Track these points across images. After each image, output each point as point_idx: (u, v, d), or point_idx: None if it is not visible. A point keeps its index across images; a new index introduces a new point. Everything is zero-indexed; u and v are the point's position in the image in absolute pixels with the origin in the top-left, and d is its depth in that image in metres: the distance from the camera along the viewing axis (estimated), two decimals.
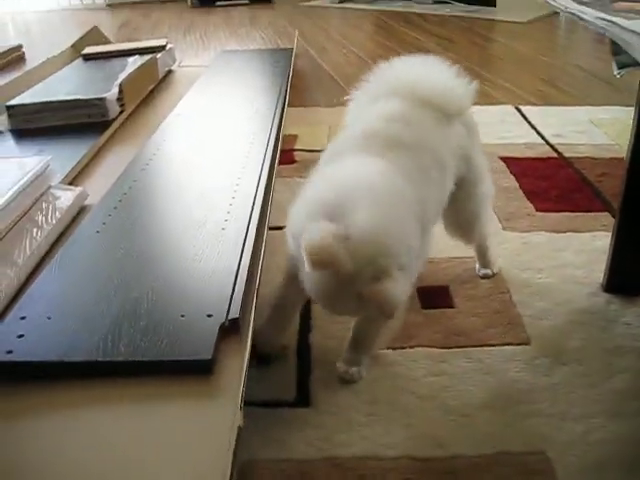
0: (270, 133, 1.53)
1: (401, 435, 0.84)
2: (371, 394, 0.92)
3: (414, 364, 0.96)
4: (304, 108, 2.23)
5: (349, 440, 0.84)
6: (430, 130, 0.95)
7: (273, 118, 1.64)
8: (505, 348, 1.00)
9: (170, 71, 2.36)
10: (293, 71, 2.41)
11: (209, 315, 0.82)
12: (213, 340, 0.77)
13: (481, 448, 0.82)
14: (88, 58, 2.24)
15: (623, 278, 1.14)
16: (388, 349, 1.00)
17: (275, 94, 1.87)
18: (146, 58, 2.09)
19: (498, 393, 0.91)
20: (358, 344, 0.96)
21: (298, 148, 1.84)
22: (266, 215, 1.12)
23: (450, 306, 1.10)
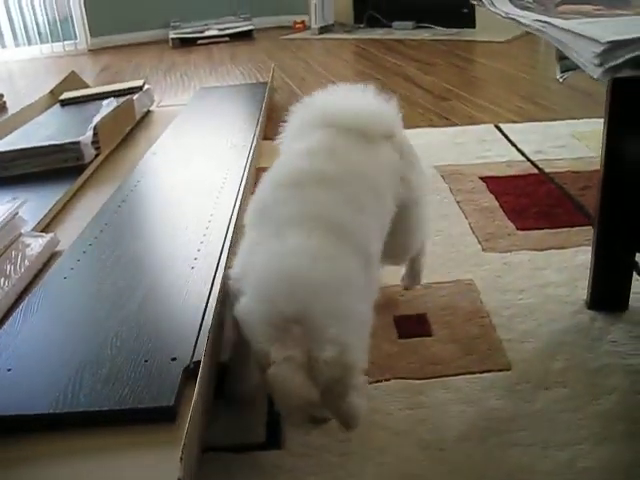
0: (245, 167, 1.52)
1: (374, 475, 0.81)
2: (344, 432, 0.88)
3: (389, 397, 0.92)
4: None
5: None
6: (358, 158, 0.93)
7: (249, 152, 1.63)
8: (484, 375, 0.96)
9: (149, 111, 2.37)
10: (271, 104, 2.41)
11: (173, 359, 0.80)
12: (176, 385, 0.75)
13: None
14: (65, 103, 2.26)
15: (607, 293, 1.11)
16: None
17: (250, 128, 1.87)
18: (122, 100, 2.10)
19: (476, 424, 0.87)
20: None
21: None
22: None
23: (428, 334, 1.07)
